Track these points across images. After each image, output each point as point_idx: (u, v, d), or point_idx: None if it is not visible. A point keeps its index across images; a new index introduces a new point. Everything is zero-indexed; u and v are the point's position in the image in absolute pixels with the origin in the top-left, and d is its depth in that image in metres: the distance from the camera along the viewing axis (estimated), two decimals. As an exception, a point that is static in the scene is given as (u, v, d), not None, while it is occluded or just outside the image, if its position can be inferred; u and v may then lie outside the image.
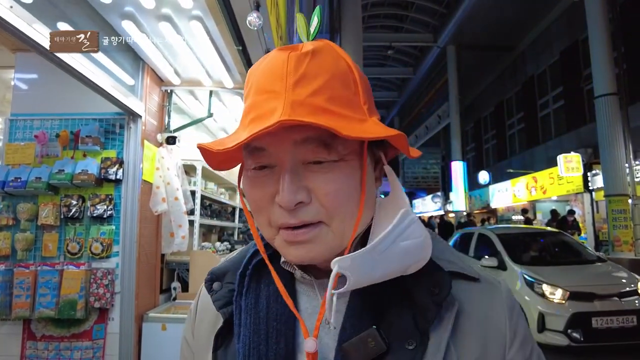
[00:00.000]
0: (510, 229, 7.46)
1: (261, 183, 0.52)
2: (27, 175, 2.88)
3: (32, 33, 1.95)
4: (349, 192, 0.51)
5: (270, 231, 0.53)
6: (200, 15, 2.41)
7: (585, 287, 4.86)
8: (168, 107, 3.51)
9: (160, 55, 2.97)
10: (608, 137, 8.81)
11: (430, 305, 0.51)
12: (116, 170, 2.97)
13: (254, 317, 0.55)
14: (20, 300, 2.78)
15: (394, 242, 0.49)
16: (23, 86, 3.17)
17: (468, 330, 0.53)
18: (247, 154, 0.52)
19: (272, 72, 0.50)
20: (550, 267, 5.56)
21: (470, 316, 0.53)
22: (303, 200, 0.49)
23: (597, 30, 9.13)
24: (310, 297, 0.58)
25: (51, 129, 3.05)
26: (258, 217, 0.54)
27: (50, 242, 2.93)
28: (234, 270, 0.62)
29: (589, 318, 4.60)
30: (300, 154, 0.49)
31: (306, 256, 0.51)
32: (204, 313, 0.64)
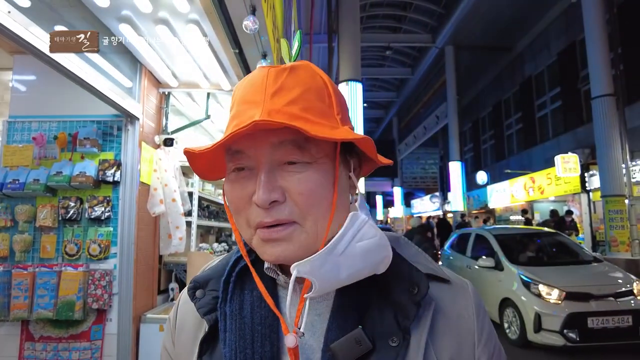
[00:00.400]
0: (508, 229, 7.49)
1: (240, 184, 0.55)
2: (25, 177, 2.90)
3: (30, 37, 1.96)
4: (321, 193, 0.54)
5: (249, 232, 0.56)
6: (197, 19, 2.43)
7: (581, 288, 4.90)
8: (166, 109, 3.53)
9: (158, 57, 2.99)
10: (605, 138, 8.85)
11: (410, 304, 0.54)
12: (114, 172, 2.99)
13: (239, 322, 0.57)
14: (18, 302, 2.79)
15: (350, 244, 0.52)
16: (21, 88, 3.18)
17: (443, 328, 0.56)
18: (229, 158, 0.56)
19: (253, 85, 0.55)
20: (547, 267, 5.60)
21: (444, 315, 0.57)
22: (277, 199, 0.52)
23: (594, 31, 9.16)
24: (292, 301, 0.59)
25: (49, 131, 3.06)
26: (238, 219, 0.57)
27: (49, 244, 2.94)
28: (217, 277, 0.63)
29: (585, 318, 4.62)
30: (276, 155, 0.53)
31: (281, 254, 0.54)
32: (184, 321, 0.65)
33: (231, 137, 0.50)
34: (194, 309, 0.61)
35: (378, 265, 0.55)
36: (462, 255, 7.15)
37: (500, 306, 5.56)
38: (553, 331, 4.70)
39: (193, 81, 3.36)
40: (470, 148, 20.99)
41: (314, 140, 0.52)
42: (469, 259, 6.80)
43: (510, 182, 15.09)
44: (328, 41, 8.34)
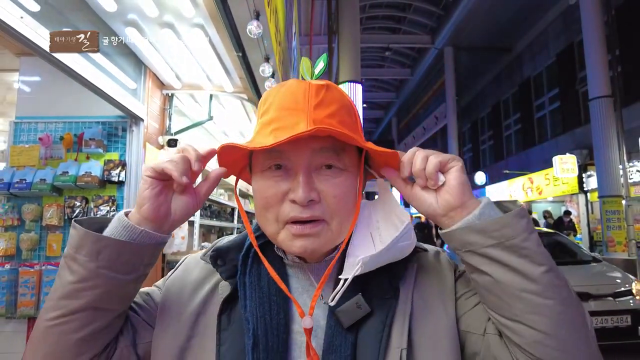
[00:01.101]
0: None
1: (275, 182, 0.62)
2: (32, 177, 2.94)
3: (40, 40, 2.02)
4: (348, 197, 0.64)
5: (275, 226, 0.63)
6: (201, 23, 2.48)
7: (580, 287, 4.85)
8: (169, 111, 3.58)
9: (162, 60, 3.05)
10: (602, 139, 8.91)
11: (400, 266, 0.67)
12: (119, 172, 3.04)
13: (259, 292, 0.65)
14: (25, 299, 2.85)
15: (396, 243, 0.62)
16: (27, 89, 3.23)
17: (425, 282, 0.69)
18: (265, 156, 0.63)
19: (293, 95, 0.63)
20: None
21: (425, 271, 0.70)
22: (314, 198, 0.60)
23: (592, 33, 9.22)
24: (299, 278, 0.69)
25: (55, 132, 3.12)
26: (265, 214, 0.64)
27: (55, 242, 2.99)
28: (236, 249, 0.71)
29: None
30: (315, 160, 0.62)
31: (309, 247, 0.62)
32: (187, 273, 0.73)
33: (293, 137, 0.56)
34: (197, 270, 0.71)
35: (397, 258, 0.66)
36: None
37: None
38: None
39: (196, 83, 3.41)
40: (469, 148, 21.04)
41: (347, 150, 0.63)
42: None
43: (509, 183, 15.15)
44: (328, 42, 8.40)
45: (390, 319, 0.61)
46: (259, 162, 0.64)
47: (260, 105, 0.68)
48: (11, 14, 1.78)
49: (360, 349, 0.60)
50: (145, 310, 0.69)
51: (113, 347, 0.62)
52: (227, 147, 0.63)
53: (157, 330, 0.67)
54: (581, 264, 5.75)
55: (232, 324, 0.63)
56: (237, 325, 0.63)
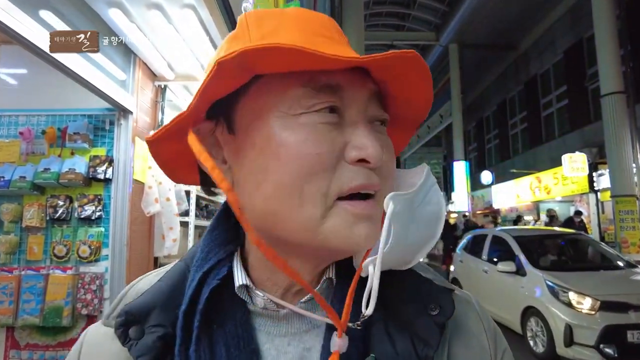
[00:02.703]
0: (527, 230, 7.17)
1: (328, 132, 0.40)
2: (11, 174, 2.75)
3: (15, 24, 1.82)
4: (394, 164, 0.46)
5: (321, 207, 0.39)
6: (193, 4, 2.27)
7: (617, 296, 4.47)
8: (162, 103, 3.36)
9: (153, 47, 2.82)
10: (615, 136, 8.64)
11: (431, 328, 0.43)
12: (105, 169, 2.83)
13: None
14: (2, 307, 2.65)
15: (422, 202, 0.44)
16: (8, 80, 3.03)
17: (459, 348, 0.46)
18: (310, 93, 0.40)
19: (322, 21, 0.45)
20: (574, 272, 5.17)
21: (458, 332, 0.47)
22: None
23: (603, 27, 8.98)
24: (270, 334, 0.45)
25: (37, 126, 2.91)
26: (304, 186, 0.39)
27: (36, 245, 2.78)
28: (164, 306, 0.45)
29: (624, 331, 4.21)
30: (371, 108, 0.43)
31: (370, 236, 0.41)
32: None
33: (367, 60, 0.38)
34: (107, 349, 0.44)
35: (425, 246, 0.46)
36: (477, 258, 6.72)
37: (523, 315, 5.15)
38: (587, 346, 4.28)
39: (190, 73, 3.20)
40: (474, 147, 20.84)
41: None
42: (486, 262, 6.36)
43: (516, 182, 14.92)
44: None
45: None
46: (293, 98, 0.40)
47: (251, 22, 0.43)
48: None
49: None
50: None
51: None
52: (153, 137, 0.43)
53: None
54: (615, 269, 5.35)
55: None
56: None
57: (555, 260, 5.66)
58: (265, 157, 0.40)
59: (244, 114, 0.43)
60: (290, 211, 0.40)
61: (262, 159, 0.41)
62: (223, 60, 0.36)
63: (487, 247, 6.62)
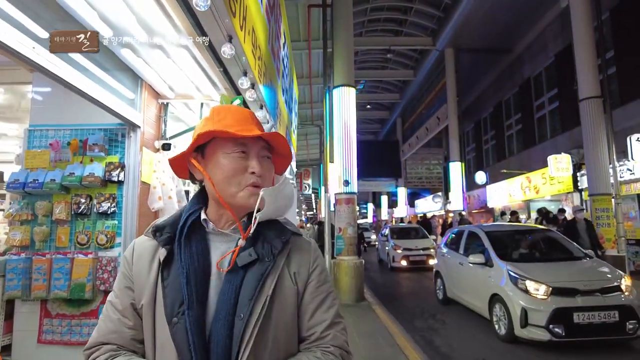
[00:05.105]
0: (500, 226, 7.65)
1: (239, 161, 0.98)
2: (44, 177, 3.37)
3: (50, 66, 2.42)
4: (271, 174, 1.04)
5: (237, 188, 0.97)
6: (186, 44, 2.88)
7: (567, 283, 4.93)
8: (164, 118, 3.99)
9: (156, 74, 3.45)
10: (592, 139, 9.13)
11: (279, 242, 1.00)
12: (118, 173, 3.45)
13: (189, 251, 0.97)
14: (38, 284, 3.28)
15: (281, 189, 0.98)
16: (40, 100, 3.67)
17: (294, 257, 1.03)
18: (233, 145, 0.98)
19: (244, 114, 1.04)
20: (536, 263, 5.65)
21: (295, 251, 1.04)
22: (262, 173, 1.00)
23: (582, 35, 9.45)
24: (216, 243, 1.01)
25: (63, 138, 3.54)
26: (231, 179, 0.97)
27: (63, 235, 3.42)
28: (170, 225, 1.02)
29: (570, 313, 4.66)
30: (261, 151, 1.01)
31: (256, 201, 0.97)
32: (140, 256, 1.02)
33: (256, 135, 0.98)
34: (147, 248, 1.04)
35: (285, 209, 1.02)
36: (456, 252, 7.27)
37: (490, 302, 5.63)
38: (539, 326, 4.76)
39: (187, 93, 3.81)
40: (472, 148, 21.24)
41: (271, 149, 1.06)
42: (462, 255, 6.91)
43: (508, 182, 15.35)
44: (323, 48, 8.76)
45: (266, 274, 0.95)
46: (227, 147, 0.98)
47: (213, 114, 1.03)
48: (24, 45, 2.19)
49: (244, 286, 0.94)
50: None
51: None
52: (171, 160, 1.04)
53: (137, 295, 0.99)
54: (572, 260, 5.80)
55: (170, 275, 0.98)
56: (173, 275, 0.98)
57: (520, 253, 6.16)
58: (217, 169, 0.98)
59: (208, 151, 1.00)
60: (228, 188, 0.97)
61: (215, 170, 0.98)
62: (202, 133, 0.97)
63: (463, 242, 7.17)
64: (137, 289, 0.99)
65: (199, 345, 0.88)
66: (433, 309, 7.28)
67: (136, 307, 0.98)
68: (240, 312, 0.91)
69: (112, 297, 1.01)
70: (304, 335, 1.00)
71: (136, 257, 1.02)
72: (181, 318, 0.90)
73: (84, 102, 2.96)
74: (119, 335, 0.96)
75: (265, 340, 0.92)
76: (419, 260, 12.25)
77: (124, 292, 1.00)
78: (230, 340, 0.89)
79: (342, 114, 8.27)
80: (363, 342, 5.08)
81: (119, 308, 0.98)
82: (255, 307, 0.91)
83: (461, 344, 5.28)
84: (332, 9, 8.66)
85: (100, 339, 0.96)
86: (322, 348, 0.98)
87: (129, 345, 0.96)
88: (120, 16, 2.51)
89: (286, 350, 0.97)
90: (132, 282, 1.00)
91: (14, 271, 3.26)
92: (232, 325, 0.90)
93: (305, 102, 15.85)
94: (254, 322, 0.90)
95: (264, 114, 4.29)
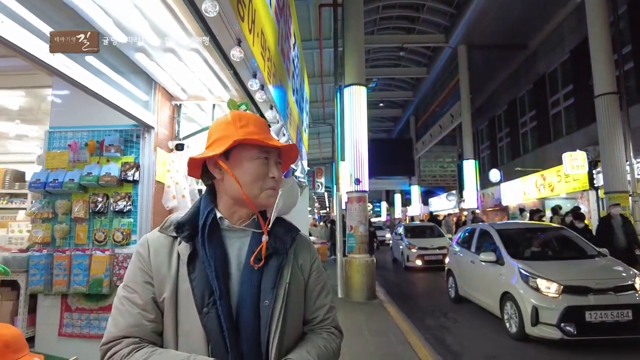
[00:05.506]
0: (512, 224, 7.60)
1: (263, 165, 1.09)
2: (63, 177, 3.52)
3: (69, 72, 2.55)
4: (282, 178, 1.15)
5: (259, 190, 1.09)
6: (197, 48, 2.98)
7: (579, 281, 4.89)
8: (177, 119, 4.11)
9: (169, 77, 3.56)
10: (608, 135, 8.98)
11: (289, 240, 1.14)
12: (134, 173, 3.58)
13: (213, 248, 1.05)
14: (59, 279, 3.43)
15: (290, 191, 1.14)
16: (59, 103, 3.82)
17: (299, 251, 1.17)
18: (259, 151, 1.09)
19: (262, 122, 1.16)
20: (548, 262, 5.63)
21: (299, 246, 1.18)
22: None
23: (597, 30, 9.29)
24: (231, 239, 1.10)
25: (81, 139, 3.68)
26: (256, 182, 1.08)
27: (82, 232, 3.56)
28: (190, 222, 1.09)
29: (582, 312, 4.63)
30: (277, 158, 1.14)
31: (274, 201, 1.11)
32: (157, 251, 1.07)
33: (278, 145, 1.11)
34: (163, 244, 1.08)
35: (291, 207, 1.15)
36: (467, 250, 7.27)
37: (501, 300, 5.61)
38: (550, 324, 4.75)
39: (199, 95, 3.92)
40: (487, 146, 21.02)
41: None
42: (473, 254, 6.90)
43: (522, 180, 15.17)
44: (334, 47, 8.82)
45: (282, 265, 1.09)
46: (253, 153, 1.08)
47: (235, 120, 1.11)
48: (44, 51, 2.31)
49: (264, 276, 1.05)
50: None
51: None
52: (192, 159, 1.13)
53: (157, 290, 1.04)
54: (585, 259, 5.78)
55: (196, 269, 1.06)
56: (199, 268, 1.03)
57: (532, 251, 6.13)
58: (243, 171, 1.08)
59: (234, 154, 1.09)
60: (252, 190, 1.08)
61: (241, 172, 1.08)
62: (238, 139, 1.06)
63: (475, 240, 7.16)
64: (157, 284, 1.03)
65: (232, 330, 0.99)
66: (445, 307, 7.29)
67: (157, 300, 1.03)
68: (264, 299, 1.03)
69: (127, 293, 1.04)
70: (309, 317, 1.16)
71: (152, 252, 1.07)
72: (212, 308, 0.99)
73: (101, 104, 3.06)
74: (140, 328, 1.00)
75: (287, 322, 1.05)
76: (434, 260, 11.99)
77: (144, 287, 1.03)
78: (258, 323, 1.02)
79: (353, 113, 8.32)
80: (374, 339, 5.14)
81: (139, 302, 1.02)
82: (278, 293, 1.05)
83: (472, 342, 5.30)
84: (343, 8, 8.71)
85: (121, 333, 0.99)
86: (325, 329, 1.16)
87: (149, 337, 1.01)
88: (134, 22, 2.62)
89: (298, 329, 1.12)
90: (151, 277, 1.04)
91: (37, 267, 3.41)
92: (258, 311, 1.02)
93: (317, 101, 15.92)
94: (279, 306, 1.04)
95: (273, 114, 4.38)
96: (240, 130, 1.08)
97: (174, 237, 1.08)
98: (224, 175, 1.10)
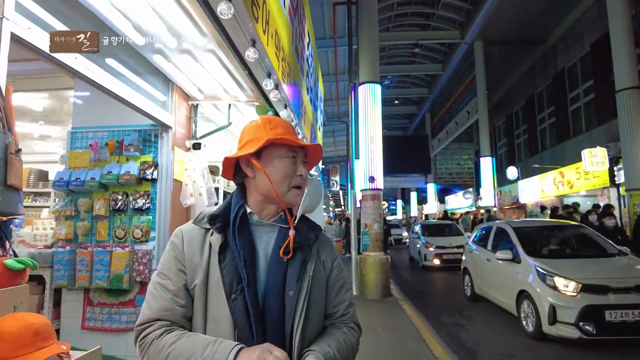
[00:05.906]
0: (529, 222, 7.48)
1: (291, 164, 1.16)
2: (85, 176, 3.64)
3: (89, 73, 2.64)
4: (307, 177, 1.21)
5: (287, 188, 1.15)
6: (213, 49, 3.04)
7: (599, 280, 4.78)
8: (194, 118, 4.19)
9: (186, 78, 3.65)
10: (630, 131, 8.76)
11: (312, 237, 1.20)
12: (152, 171, 3.68)
13: (242, 239, 1.11)
14: (81, 274, 3.56)
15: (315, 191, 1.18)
16: (80, 104, 3.94)
17: (321, 248, 1.23)
18: (287, 150, 1.16)
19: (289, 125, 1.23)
20: (566, 260, 5.54)
21: (322, 243, 1.25)
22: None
23: (619, 23, 9.07)
24: (259, 233, 1.16)
25: (102, 139, 3.80)
26: (283, 181, 1.14)
27: (102, 229, 3.68)
28: (222, 215, 1.15)
29: (602, 311, 4.53)
30: (304, 158, 1.20)
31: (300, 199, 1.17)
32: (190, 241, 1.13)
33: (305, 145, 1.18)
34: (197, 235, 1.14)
35: (316, 206, 1.19)
36: (484, 248, 7.20)
37: (517, 299, 5.55)
38: (568, 324, 4.66)
39: (216, 95, 4.00)
40: (504, 143, 20.71)
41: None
42: (490, 252, 6.83)
43: (540, 177, 14.90)
44: (348, 45, 8.82)
45: (306, 260, 1.14)
46: (282, 152, 1.15)
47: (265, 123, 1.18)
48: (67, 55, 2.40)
49: (289, 268, 1.11)
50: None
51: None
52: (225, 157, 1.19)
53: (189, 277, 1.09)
54: (605, 257, 5.66)
55: (226, 258, 1.12)
56: (229, 258, 1.08)
57: (549, 249, 6.03)
58: (273, 169, 1.14)
59: (265, 153, 1.15)
60: (281, 187, 1.13)
61: (271, 170, 1.13)
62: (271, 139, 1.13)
63: (491, 238, 7.07)
64: (189, 271, 1.09)
65: (258, 317, 1.04)
66: (461, 306, 7.24)
67: (188, 287, 1.08)
68: (289, 290, 1.09)
69: (161, 280, 1.10)
70: (330, 312, 1.21)
71: (186, 242, 1.13)
72: (239, 295, 1.04)
73: (120, 105, 3.17)
74: (172, 312, 1.06)
75: (309, 313, 1.10)
76: (453, 259, 11.62)
77: (177, 274, 1.09)
78: (283, 311, 1.07)
79: (367, 111, 8.32)
80: (388, 336, 5.16)
81: (172, 288, 1.07)
82: (302, 285, 1.10)
83: (487, 340, 5.26)
84: (357, 6, 8.71)
85: (154, 316, 1.05)
86: (345, 324, 1.21)
87: (179, 321, 1.07)
88: (151, 25, 2.69)
89: (319, 322, 1.17)
90: (184, 265, 1.10)
91: (60, 262, 3.54)
92: (283, 300, 1.08)
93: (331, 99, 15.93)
94: (303, 297, 1.09)
95: (288, 113, 4.43)
96: (270, 131, 1.15)
97: (207, 229, 1.14)
98: (256, 173, 1.16)
